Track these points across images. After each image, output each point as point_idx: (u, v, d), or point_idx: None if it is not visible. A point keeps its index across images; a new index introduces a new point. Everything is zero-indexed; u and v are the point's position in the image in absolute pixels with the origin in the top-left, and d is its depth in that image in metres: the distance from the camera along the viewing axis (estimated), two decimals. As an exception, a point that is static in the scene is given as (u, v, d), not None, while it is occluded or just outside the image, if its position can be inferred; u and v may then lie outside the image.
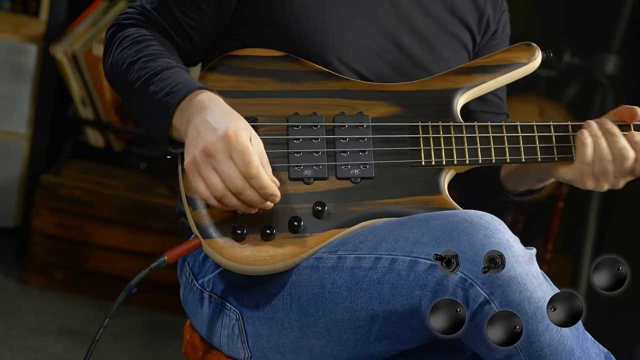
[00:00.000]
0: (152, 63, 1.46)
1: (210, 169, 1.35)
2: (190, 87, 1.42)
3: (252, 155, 1.34)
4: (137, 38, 1.50)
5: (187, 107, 1.40)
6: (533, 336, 1.31)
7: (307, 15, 1.52)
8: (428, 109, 1.52)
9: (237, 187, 1.35)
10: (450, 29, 1.63)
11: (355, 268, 1.39)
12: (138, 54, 1.48)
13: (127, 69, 1.47)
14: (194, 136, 1.37)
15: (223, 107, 1.40)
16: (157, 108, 1.43)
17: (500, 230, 1.34)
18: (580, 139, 1.50)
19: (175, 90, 1.42)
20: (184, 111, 1.40)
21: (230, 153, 1.34)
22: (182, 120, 1.40)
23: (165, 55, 1.48)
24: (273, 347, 1.48)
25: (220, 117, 1.37)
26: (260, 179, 1.35)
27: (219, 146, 1.34)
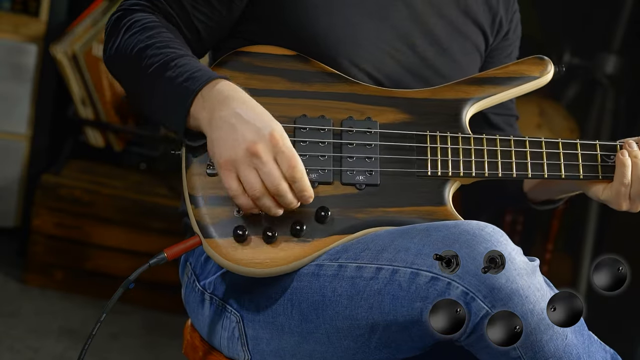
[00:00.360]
0: (167, 49, 1.42)
1: (251, 169, 1.34)
2: (210, 74, 1.39)
3: (298, 159, 1.35)
4: (148, 24, 1.46)
5: (208, 96, 1.38)
6: (537, 347, 1.30)
7: (319, 15, 1.52)
8: (437, 118, 1.50)
9: (281, 189, 1.35)
10: (463, 30, 1.62)
11: (356, 277, 1.39)
12: (150, 39, 1.44)
13: (139, 54, 1.43)
14: (227, 131, 1.35)
15: (250, 100, 1.38)
16: (174, 94, 1.40)
17: (502, 242, 1.33)
18: (620, 159, 1.49)
19: (195, 76, 1.39)
20: (206, 100, 1.38)
21: (275, 155, 1.34)
22: (202, 109, 1.38)
23: (178, 44, 1.45)
24: (273, 351, 1.47)
25: (256, 114, 1.36)
26: (303, 182, 1.36)
27: (265, 147, 1.33)
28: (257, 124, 1.35)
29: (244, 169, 1.35)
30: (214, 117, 1.36)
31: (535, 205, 1.72)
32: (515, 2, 1.72)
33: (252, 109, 1.37)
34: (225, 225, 1.41)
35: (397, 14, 1.56)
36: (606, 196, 1.51)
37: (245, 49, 1.52)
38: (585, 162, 1.50)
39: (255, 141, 1.33)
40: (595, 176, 1.51)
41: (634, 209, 1.51)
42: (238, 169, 1.35)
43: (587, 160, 1.51)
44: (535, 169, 1.49)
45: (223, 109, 1.36)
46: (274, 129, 1.34)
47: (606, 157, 1.51)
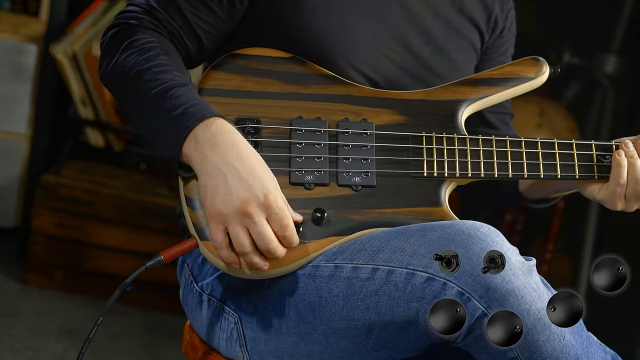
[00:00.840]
0: (164, 75, 1.42)
1: (242, 227, 1.34)
2: (204, 112, 1.38)
3: (288, 218, 1.35)
4: (145, 44, 1.45)
5: (202, 137, 1.37)
6: (534, 347, 1.30)
7: (316, 18, 1.52)
8: (433, 119, 1.51)
9: (271, 248, 1.35)
10: (459, 29, 1.62)
11: (352, 278, 1.39)
12: (148, 62, 1.43)
13: (136, 77, 1.42)
14: (220, 182, 1.34)
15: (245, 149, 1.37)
16: (168, 128, 1.39)
17: (498, 242, 1.33)
18: (616, 160, 1.49)
19: (190, 111, 1.38)
20: (198, 141, 1.37)
21: (268, 216, 1.34)
22: (194, 150, 1.37)
23: (175, 69, 1.44)
24: (271, 352, 1.47)
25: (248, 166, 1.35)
26: (293, 237, 1.37)
27: (258, 208, 1.34)
28: (250, 182, 1.34)
29: (234, 226, 1.35)
30: (206, 161, 1.36)
31: (531, 204, 1.72)
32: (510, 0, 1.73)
33: (247, 160, 1.36)
34: None
35: (393, 14, 1.56)
36: (602, 196, 1.51)
37: (240, 51, 1.52)
38: (581, 162, 1.51)
39: (248, 201, 1.33)
40: (591, 176, 1.51)
41: (629, 208, 1.51)
42: (228, 224, 1.35)
43: (583, 160, 1.51)
44: (531, 169, 1.50)
45: (216, 154, 1.36)
46: (269, 191, 1.34)
47: (602, 157, 1.51)
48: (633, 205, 1.51)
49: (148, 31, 1.49)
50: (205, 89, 1.49)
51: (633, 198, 1.50)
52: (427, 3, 1.59)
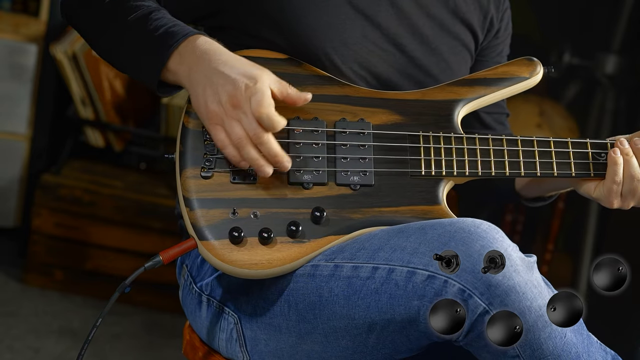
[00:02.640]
0: (141, 2, 1.46)
1: (234, 120, 1.38)
2: (187, 30, 1.43)
3: (265, 97, 1.37)
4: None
5: (186, 52, 1.41)
6: (535, 344, 1.30)
7: (306, 15, 1.52)
8: (429, 119, 1.51)
9: (260, 137, 1.38)
10: (452, 30, 1.62)
11: (352, 277, 1.39)
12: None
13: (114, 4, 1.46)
14: (207, 86, 1.39)
15: (225, 52, 1.42)
16: (151, 48, 1.43)
17: (498, 239, 1.33)
18: (612, 158, 1.50)
19: (172, 31, 1.43)
20: (183, 55, 1.42)
21: (250, 101, 1.37)
22: (180, 64, 1.42)
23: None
24: (271, 352, 1.48)
25: (230, 65, 1.40)
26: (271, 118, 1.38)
27: (244, 97, 1.37)
28: (232, 76, 1.38)
29: (229, 121, 1.39)
30: (192, 72, 1.41)
31: (527, 202, 1.72)
32: (506, 0, 1.73)
33: (228, 61, 1.40)
34: (221, 227, 1.41)
35: (384, 14, 1.56)
36: (598, 194, 1.52)
37: (237, 53, 1.52)
38: (577, 160, 1.52)
39: (234, 92, 1.38)
40: (587, 174, 1.52)
41: (625, 206, 1.52)
42: (223, 122, 1.39)
43: (579, 158, 1.52)
44: (528, 167, 1.50)
45: (200, 64, 1.40)
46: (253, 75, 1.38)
47: (597, 155, 1.52)
48: (629, 202, 1.51)
49: None
50: None
51: (629, 195, 1.50)
52: (420, 4, 1.59)
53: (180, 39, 1.42)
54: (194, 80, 1.41)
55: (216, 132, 1.40)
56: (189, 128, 1.47)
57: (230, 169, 1.44)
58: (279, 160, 1.41)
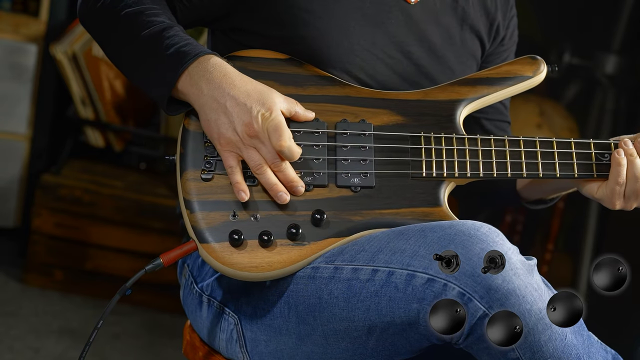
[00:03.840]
0: (155, 18, 1.45)
1: (252, 149, 1.40)
2: (198, 50, 1.43)
3: (282, 126, 1.39)
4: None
5: (196, 74, 1.41)
6: (535, 347, 1.30)
7: (313, 20, 1.51)
8: (431, 119, 1.51)
9: (277, 163, 1.40)
10: (460, 38, 1.62)
11: (352, 279, 1.39)
12: (137, 5, 1.46)
13: (128, 17, 1.46)
14: (221, 112, 1.39)
15: (240, 78, 1.42)
16: (162, 66, 1.43)
17: (498, 242, 1.33)
18: (616, 158, 1.49)
19: (183, 50, 1.42)
20: (193, 77, 1.41)
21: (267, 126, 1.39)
22: (190, 86, 1.42)
23: (165, 13, 1.48)
24: (271, 353, 1.47)
25: (243, 91, 1.40)
26: (292, 148, 1.40)
27: (261, 128, 1.38)
28: (247, 105, 1.39)
29: (246, 149, 1.40)
30: (204, 95, 1.41)
31: (529, 205, 1.72)
32: (514, 7, 1.72)
33: (241, 86, 1.41)
34: (221, 230, 1.41)
35: (393, 21, 1.55)
36: (601, 194, 1.51)
37: (238, 53, 1.52)
38: (580, 161, 1.51)
39: (250, 123, 1.38)
40: (589, 175, 1.51)
41: (628, 207, 1.51)
42: (241, 150, 1.40)
43: (582, 158, 1.51)
44: (530, 168, 1.50)
45: (212, 88, 1.40)
46: (269, 103, 1.39)
47: (600, 155, 1.51)
48: (632, 203, 1.51)
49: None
50: None
51: (632, 196, 1.50)
52: (429, 11, 1.58)
53: (190, 60, 1.41)
54: (205, 104, 1.41)
55: (229, 156, 1.41)
56: (190, 130, 1.46)
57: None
58: (294, 186, 1.42)
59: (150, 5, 1.47)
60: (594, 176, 1.51)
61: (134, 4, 1.46)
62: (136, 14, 1.45)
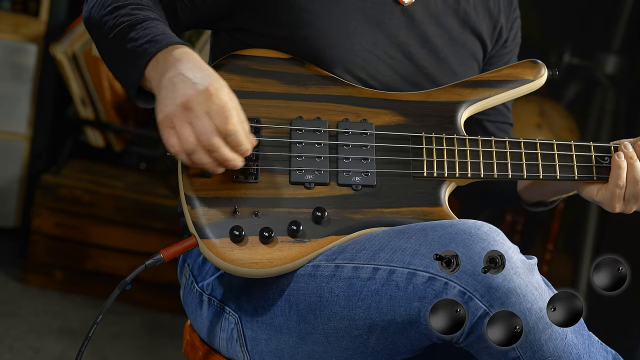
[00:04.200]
0: (138, 12, 1.44)
1: (185, 123, 1.33)
2: (170, 39, 1.39)
3: (231, 111, 1.33)
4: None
5: (163, 59, 1.38)
6: (535, 346, 1.30)
7: (314, 21, 1.51)
8: (432, 120, 1.51)
9: (213, 144, 1.33)
10: (461, 39, 1.62)
11: (353, 278, 1.39)
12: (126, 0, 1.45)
13: (112, 12, 1.45)
14: (169, 89, 1.34)
15: (199, 62, 1.37)
16: (133, 55, 1.40)
17: (499, 241, 1.33)
18: (616, 161, 1.49)
19: (156, 39, 1.39)
20: (160, 63, 1.38)
21: (208, 109, 1.32)
22: (155, 72, 1.38)
23: (151, 8, 1.46)
24: (272, 352, 1.48)
25: (198, 72, 1.35)
26: (238, 136, 1.34)
27: (198, 100, 1.32)
28: (195, 80, 1.33)
29: (179, 123, 1.33)
30: (162, 78, 1.36)
31: (529, 207, 1.72)
32: (517, 9, 1.72)
33: (197, 69, 1.35)
34: (222, 226, 1.41)
35: (394, 21, 1.55)
36: (600, 197, 1.52)
37: (241, 52, 1.52)
38: (580, 163, 1.51)
39: (190, 95, 1.32)
40: (589, 177, 1.51)
41: (628, 210, 1.51)
42: (175, 124, 1.33)
43: (582, 161, 1.52)
44: (531, 170, 1.50)
45: (171, 70, 1.36)
46: (210, 83, 1.33)
47: (600, 158, 1.52)
48: (632, 206, 1.51)
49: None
50: None
51: (632, 199, 1.50)
52: (430, 13, 1.59)
53: (161, 47, 1.39)
54: (161, 85, 1.36)
55: (169, 136, 1.34)
56: None
57: (231, 169, 1.44)
58: (230, 164, 1.37)
59: (138, 1, 1.46)
60: (594, 179, 1.52)
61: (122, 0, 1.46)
62: (122, 6, 1.45)
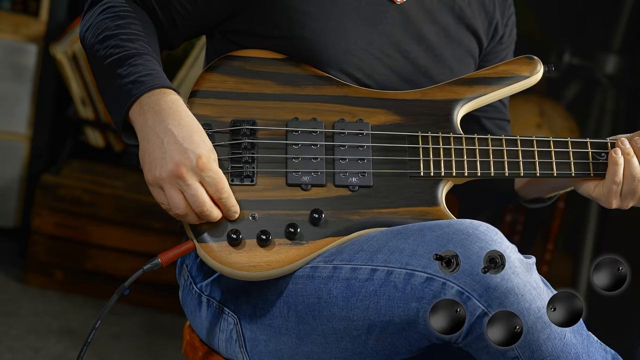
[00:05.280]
0: (129, 44, 1.43)
1: (176, 190, 1.36)
2: (155, 82, 1.39)
3: (224, 181, 1.37)
4: (121, 12, 1.47)
5: (146, 103, 1.38)
6: (534, 346, 1.30)
7: (310, 22, 1.51)
8: (428, 119, 1.51)
9: (205, 210, 1.37)
10: (457, 36, 1.62)
11: (351, 279, 1.39)
12: (118, 28, 1.45)
13: (103, 41, 1.44)
14: (157, 146, 1.36)
15: (187, 116, 1.38)
16: (118, 94, 1.40)
17: (497, 241, 1.33)
18: (613, 158, 1.49)
19: (141, 80, 1.39)
20: (143, 108, 1.38)
21: (200, 178, 1.35)
22: (138, 115, 1.38)
23: (143, 39, 1.45)
24: (271, 353, 1.47)
25: (185, 131, 1.36)
26: (229, 201, 1.38)
27: (189, 168, 1.34)
28: (184, 145, 1.35)
29: (169, 188, 1.36)
30: (147, 127, 1.37)
31: (526, 204, 1.72)
32: (512, 5, 1.72)
33: (186, 127, 1.37)
34: (219, 229, 1.41)
35: (390, 20, 1.55)
36: (597, 193, 1.52)
37: (235, 53, 1.52)
38: (577, 160, 1.51)
39: (180, 163, 1.34)
40: (587, 174, 1.52)
41: (625, 206, 1.52)
42: (163, 187, 1.36)
43: (579, 158, 1.52)
44: (527, 167, 1.50)
45: (157, 121, 1.37)
46: (201, 153, 1.35)
47: (597, 154, 1.52)
48: (628, 202, 1.51)
49: (128, 2, 1.50)
50: (201, 91, 1.49)
51: (629, 195, 1.50)
52: (426, 10, 1.58)
53: (145, 90, 1.38)
54: (146, 135, 1.37)
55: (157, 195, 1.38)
56: None
57: (228, 171, 1.44)
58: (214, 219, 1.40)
59: (129, 30, 1.45)
60: (591, 175, 1.52)
61: (115, 27, 1.45)
62: (112, 36, 1.44)
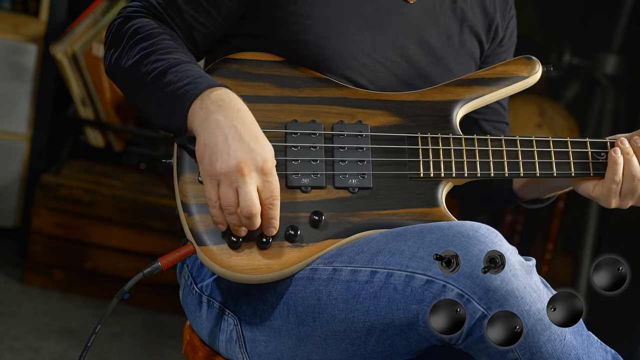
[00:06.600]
0: (170, 56, 1.43)
1: (231, 187, 1.35)
2: (212, 82, 1.40)
3: (279, 189, 1.36)
4: (151, 30, 1.47)
5: (207, 98, 1.38)
6: (534, 347, 1.30)
7: (313, 27, 1.51)
8: (428, 120, 1.51)
9: (253, 211, 1.35)
10: (459, 40, 1.62)
11: (351, 281, 1.39)
12: (154, 45, 1.45)
13: (142, 59, 1.44)
14: (221, 143, 1.35)
15: (248, 115, 1.39)
16: (174, 96, 1.40)
17: (497, 243, 1.33)
18: (612, 157, 1.49)
19: (197, 81, 1.40)
20: (204, 101, 1.38)
21: (260, 181, 1.35)
22: (199, 109, 1.38)
23: (181, 51, 1.46)
24: (271, 354, 1.47)
25: (252, 131, 1.36)
26: (276, 210, 1.37)
27: (252, 170, 1.34)
28: (251, 145, 1.35)
29: (225, 185, 1.35)
30: (210, 119, 1.37)
31: (525, 204, 1.72)
32: (513, 8, 1.72)
33: (250, 126, 1.37)
34: (219, 233, 1.41)
35: (392, 24, 1.55)
36: (597, 193, 1.52)
37: (234, 55, 1.52)
38: (576, 160, 1.51)
39: (245, 162, 1.34)
40: (586, 173, 1.51)
41: (624, 205, 1.52)
42: (220, 182, 1.36)
43: (578, 157, 1.52)
44: (527, 167, 1.50)
45: (221, 115, 1.36)
46: (268, 157, 1.35)
47: (597, 154, 1.52)
48: (628, 202, 1.51)
49: (153, 20, 1.51)
50: None
51: (628, 195, 1.50)
52: (428, 13, 1.58)
53: (205, 87, 1.39)
54: (208, 127, 1.37)
55: (211, 188, 1.37)
56: None
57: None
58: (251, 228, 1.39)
59: (165, 44, 1.45)
60: (591, 175, 1.52)
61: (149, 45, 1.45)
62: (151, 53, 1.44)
